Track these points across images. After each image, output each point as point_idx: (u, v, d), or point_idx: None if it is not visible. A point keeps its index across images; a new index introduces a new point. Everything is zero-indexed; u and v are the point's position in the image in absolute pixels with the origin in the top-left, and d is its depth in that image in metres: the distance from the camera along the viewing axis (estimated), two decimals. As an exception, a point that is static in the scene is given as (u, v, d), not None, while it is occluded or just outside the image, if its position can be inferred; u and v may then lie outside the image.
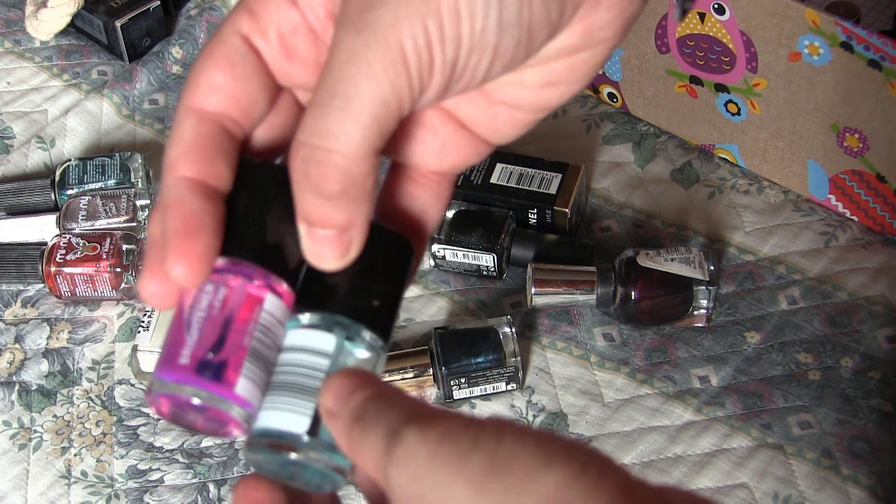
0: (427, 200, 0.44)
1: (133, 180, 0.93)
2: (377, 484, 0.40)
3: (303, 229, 0.39)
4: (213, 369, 0.39)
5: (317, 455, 0.40)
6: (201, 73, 0.40)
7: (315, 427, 0.40)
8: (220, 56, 0.40)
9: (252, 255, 0.40)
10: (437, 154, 0.43)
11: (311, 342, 0.41)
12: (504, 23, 0.39)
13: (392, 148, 0.43)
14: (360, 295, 0.41)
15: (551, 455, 0.35)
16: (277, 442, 0.40)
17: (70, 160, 0.94)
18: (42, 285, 0.90)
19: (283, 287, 0.41)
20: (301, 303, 0.41)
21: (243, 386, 0.40)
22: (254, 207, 0.40)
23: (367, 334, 0.41)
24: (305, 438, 0.40)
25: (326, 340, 0.41)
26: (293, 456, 0.40)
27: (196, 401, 0.39)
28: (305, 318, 0.41)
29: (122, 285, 0.88)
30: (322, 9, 0.40)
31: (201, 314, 0.40)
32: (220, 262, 0.40)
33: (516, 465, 0.35)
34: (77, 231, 0.89)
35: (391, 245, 0.42)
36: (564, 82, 0.42)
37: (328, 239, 0.39)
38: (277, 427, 0.40)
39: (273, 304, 0.41)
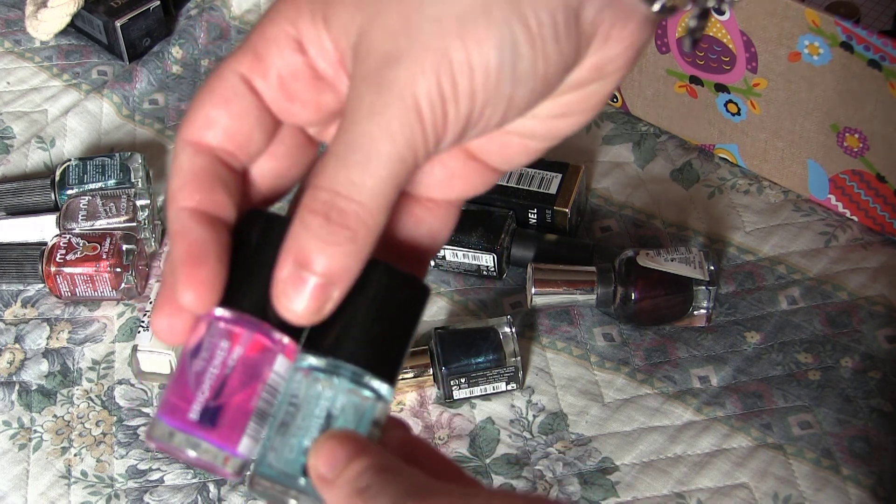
0: (434, 226, 0.44)
1: (133, 180, 0.93)
2: None
3: (286, 272, 0.39)
4: (216, 424, 0.40)
5: (312, 498, 0.41)
6: (198, 109, 0.41)
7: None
8: (217, 93, 0.41)
9: (265, 311, 0.41)
10: (445, 185, 0.44)
11: (314, 386, 0.41)
12: (518, 75, 0.39)
13: None
14: (370, 341, 0.41)
15: None
16: (276, 483, 0.41)
17: (70, 160, 0.94)
18: (42, 285, 0.90)
19: (290, 343, 0.41)
20: (308, 343, 0.41)
21: (244, 444, 0.41)
22: (265, 260, 0.40)
23: (374, 382, 0.41)
24: (302, 481, 0.40)
25: (330, 386, 0.41)
26: (291, 501, 0.41)
27: (193, 454, 0.40)
28: (311, 360, 0.41)
29: (122, 285, 0.88)
30: (333, 55, 0.41)
31: (214, 370, 0.41)
32: (234, 315, 0.41)
33: None
34: (77, 231, 0.89)
35: (405, 288, 0.42)
36: (576, 113, 0.43)
37: (310, 286, 0.39)
38: (276, 468, 0.41)
39: (282, 363, 0.41)
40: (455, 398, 0.82)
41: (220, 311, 0.41)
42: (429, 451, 0.44)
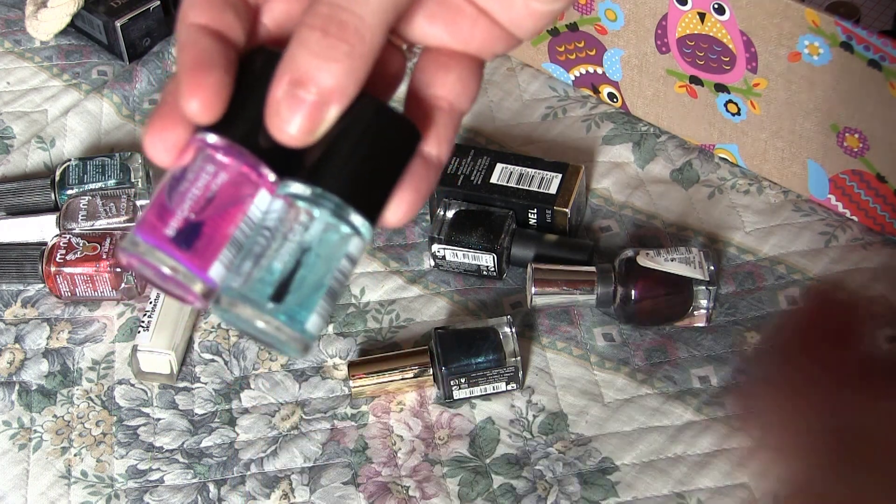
0: (462, 74, 0.44)
1: (133, 180, 0.93)
2: None
3: (281, 91, 0.39)
4: (191, 246, 0.40)
5: (279, 323, 0.40)
6: None
7: (280, 295, 0.40)
8: None
9: (255, 143, 0.40)
10: (465, 34, 0.44)
11: (294, 213, 0.41)
12: None
13: (419, 29, 0.43)
14: (356, 175, 0.41)
15: None
16: (243, 305, 0.40)
17: (70, 160, 0.94)
18: (42, 285, 0.90)
19: (276, 180, 0.41)
20: (293, 169, 0.41)
21: (216, 270, 0.40)
22: (261, 92, 0.40)
23: (356, 217, 0.41)
24: (270, 305, 0.40)
25: (311, 215, 0.41)
26: (258, 323, 0.40)
27: (166, 270, 0.40)
28: (294, 187, 0.41)
29: (122, 285, 0.88)
30: None
31: (196, 191, 0.40)
32: (223, 142, 0.40)
33: None
34: (77, 231, 0.89)
35: (397, 128, 0.42)
36: None
37: (306, 105, 0.39)
38: (244, 292, 0.40)
39: (264, 198, 0.41)
40: (455, 398, 0.82)
41: (211, 138, 0.40)
42: None
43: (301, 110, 0.39)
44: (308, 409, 0.83)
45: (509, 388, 0.82)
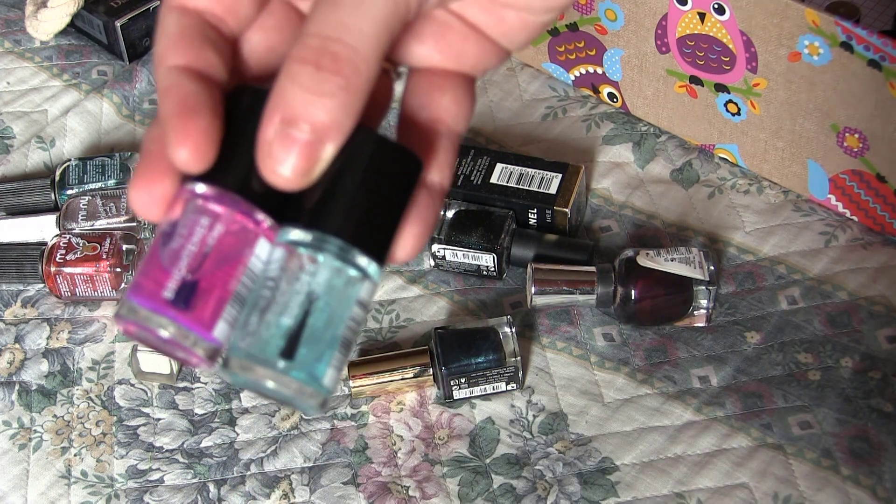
0: (457, 94, 0.42)
1: (133, 180, 0.93)
2: None
3: (272, 131, 0.36)
4: (192, 306, 0.38)
5: (292, 381, 0.38)
6: None
7: (291, 351, 0.38)
8: None
9: (249, 189, 0.38)
10: (456, 52, 0.42)
11: (297, 262, 0.39)
12: None
13: (407, 50, 0.42)
14: (358, 214, 0.38)
15: None
16: (252, 365, 0.38)
17: (70, 160, 0.94)
18: (42, 285, 0.91)
19: (273, 226, 0.39)
20: (292, 215, 0.39)
21: (220, 329, 0.38)
22: (250, 134, 0.38)
23: (362, 259, 0.39)
24: (281, 364, 0.38)
25: (314, 261, 0.38)
26: (269, 384, 0.38)
27: (165, 335, 0.38)
28: (294, 234, 0.39)
29: (122, 285, 0.88)
30: None
31: (191, 247, 0.38)
32: (215, 191, 0.38)
33: None
34: (77, 231, 0.89)
35: (396, 159, 0.39)
36: None
37: (299, 144, 0.36)
38: (252, 351, 0.38)
39: (263, 247, 0.39)
40: (455, 398, 0.82)
41: (200, 188, 0.38)
42: None
43: (294, 150, 0.36)
44: (308, 409, 0.83)
45: (509, 388, 0.82)
